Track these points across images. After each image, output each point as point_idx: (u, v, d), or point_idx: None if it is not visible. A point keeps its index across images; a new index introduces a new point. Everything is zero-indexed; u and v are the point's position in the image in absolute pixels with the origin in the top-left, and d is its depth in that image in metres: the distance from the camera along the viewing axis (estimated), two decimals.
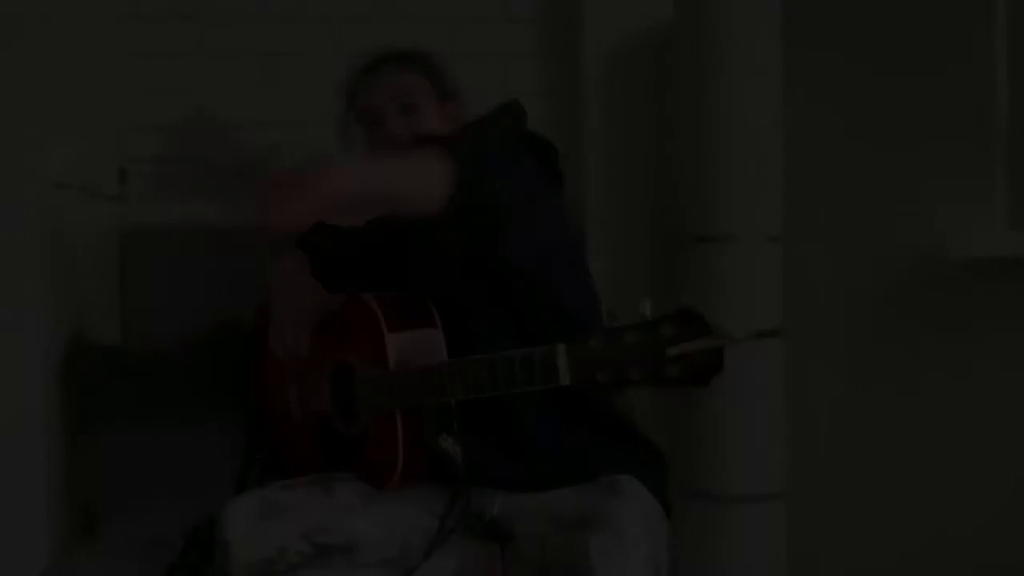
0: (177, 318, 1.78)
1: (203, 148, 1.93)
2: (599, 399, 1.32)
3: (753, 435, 1.65)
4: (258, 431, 1.60)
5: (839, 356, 1.75)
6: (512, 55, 2.00)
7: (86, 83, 1.71)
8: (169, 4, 1.92)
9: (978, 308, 1.55)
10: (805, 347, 1.77)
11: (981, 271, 1.55)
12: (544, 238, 1.27)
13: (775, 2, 1.67)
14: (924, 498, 1.64)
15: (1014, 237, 1.50)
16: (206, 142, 1.93)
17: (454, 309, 1.30)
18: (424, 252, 1.33)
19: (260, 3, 1.95)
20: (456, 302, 1.30)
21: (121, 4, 1.90)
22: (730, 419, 1.64)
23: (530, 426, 1.33)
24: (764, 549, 1.65)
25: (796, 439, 1.73)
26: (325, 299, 1.40)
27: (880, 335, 1.69)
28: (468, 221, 1.12)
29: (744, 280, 1.63)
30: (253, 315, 1.54)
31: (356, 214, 1.11)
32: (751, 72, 1.64)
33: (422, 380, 1.22)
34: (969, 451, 1.58)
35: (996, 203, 1.54)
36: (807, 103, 1.77)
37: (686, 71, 1.71)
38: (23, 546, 1.44)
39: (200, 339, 1.74)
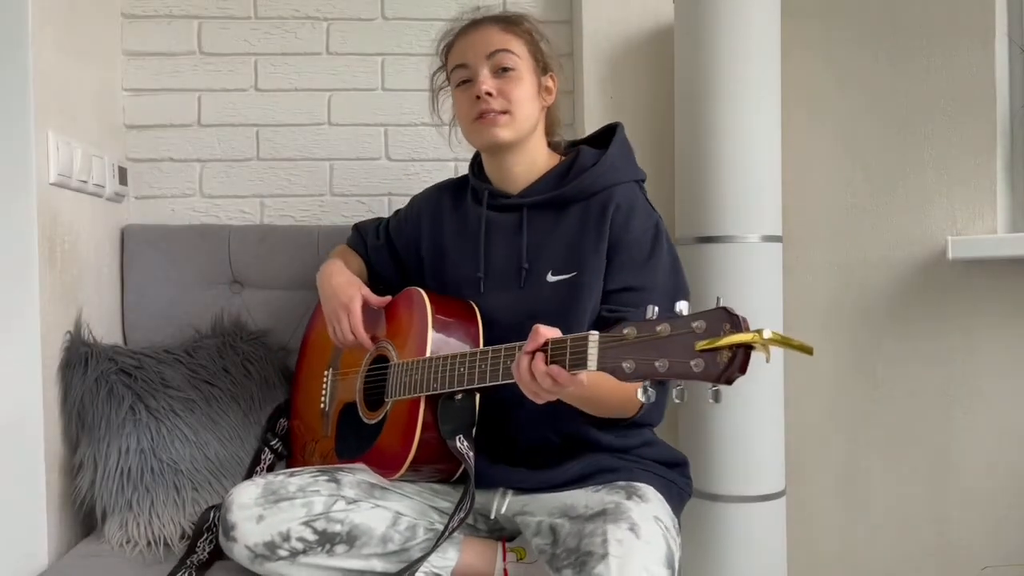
0: (177, 318, 1.78)
1: None
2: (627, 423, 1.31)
3: (752, 440, 1.65)
4: (278, 421, 1.64)
5: (839, 356, 1.75)
6: None
7: (86, 83, 1.71)
8: (169, 4, 1.92)
9: (978, 309, 1.55)
10: None
11: (981, 271, 1.55)
12: None
13: (775, 10, 1.68)
14: (924, 497, 1.64)
15: (1014, 238, 1.50)
16: None
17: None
18: None
19: (259, 3, 1.95)
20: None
21: (121, 4, 1.90)
22: (730, 424, 1.64)
23: (552, 440, 1.34)
24: (764, 545, 1.65)
25: (796, 439, 1.74)
26: (360, 286, 1.45)
27: (880, 335, 1.69)
28: None
29: (744, 280, 1.63)
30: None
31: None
32: (751, 76, 1.64)
33: (451, 364, 1.24)
34: (968, 450, 1.58)
35: (996, 204, 1.54)
36: (807, 103, 1.77)
37: (686, 71, 1.71)
38: (23, 546, 1.44)
39: (200, 338, 1.74)
